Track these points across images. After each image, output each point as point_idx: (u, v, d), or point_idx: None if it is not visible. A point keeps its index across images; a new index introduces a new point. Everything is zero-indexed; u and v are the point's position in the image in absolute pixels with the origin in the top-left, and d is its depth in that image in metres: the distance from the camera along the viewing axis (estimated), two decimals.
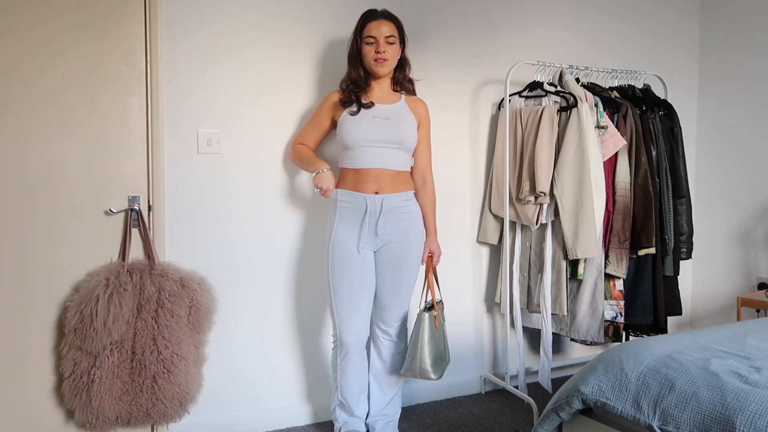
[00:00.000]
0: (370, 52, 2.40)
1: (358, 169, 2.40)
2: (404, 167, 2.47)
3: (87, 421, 2.26)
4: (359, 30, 2.43)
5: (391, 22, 2.43)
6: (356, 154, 2.40)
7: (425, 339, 2.43)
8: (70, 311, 2.25)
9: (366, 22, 2.42)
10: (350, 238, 2.42)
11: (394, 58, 2.44)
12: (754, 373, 1.71)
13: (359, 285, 2.43)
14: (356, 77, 2.44)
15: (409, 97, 2.55)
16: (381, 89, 2.49)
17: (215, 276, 2.57)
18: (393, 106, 2.47)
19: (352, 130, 2.39)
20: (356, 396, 2.53)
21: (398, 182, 2.45)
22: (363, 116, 2.41)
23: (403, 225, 2.46)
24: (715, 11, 3.72)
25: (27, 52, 2.24)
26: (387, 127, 2.40)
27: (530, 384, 3.17)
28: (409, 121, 2.47)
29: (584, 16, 3.41)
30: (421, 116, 2.54)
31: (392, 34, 2.41)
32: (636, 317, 3.00)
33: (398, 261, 2.47)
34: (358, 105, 2.42)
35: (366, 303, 2.46)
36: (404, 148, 2.44)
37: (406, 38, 2.50)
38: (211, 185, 2.61)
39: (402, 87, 2.53)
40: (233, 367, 2.68)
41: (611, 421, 1.85)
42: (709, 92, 3.75)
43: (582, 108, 2.80)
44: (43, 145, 2.28)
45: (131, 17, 2.37)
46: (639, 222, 2.94)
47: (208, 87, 2.57)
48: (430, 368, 2.43)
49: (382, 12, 2.45)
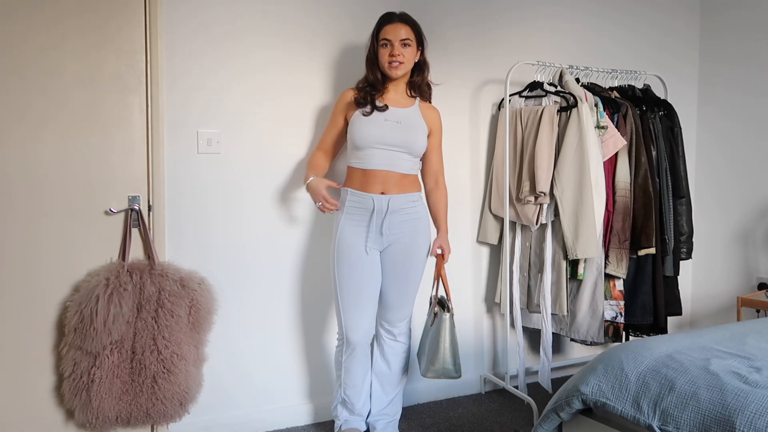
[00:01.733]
0: (385, 55, 2.41)
1: (366, 170, 2.41)
2: (411, 170, 2.48)
3: (87, 420, 2.26)
4: (376, 33, 2.44)
5: (408, 25, 2.43)
6: (365, 154, 2.41)
7: (447, 339, 2.46)
8: (70, 311, 2.25)
9: (382, 25, 2.43)
10: (356, 238, 2.42)
11: (409, 62, 2.44)
12: (754, 373, 1.71)
13: (366, 284, 2.44)
14: (373, 80, 2.45)
15: (423, 103, 2.55)
16: (396, 92, 2.49)
17: (216, 276, 2.58)
18: (406, 111, 2.47)
19: (363, 130, 2.40)
20: (359, 393, 2.53)
21: (404, 184, 2.45)
22: (375, 118, 2.41)
23: (409, 225, 2.47)
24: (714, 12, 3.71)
25: (28, 55, 2.23)
26: (397, 131, 2.41)
27: (530, 384, 3.17)
28: (419, 127, 2.47)
29: (584, 17, 3.41)
30: (434, 124, 2.54)
31: (408, 37, 2.41)
32: (636, 317, 3.00)
33: (404, 261, 2.47)
34: (372, 106, 2.43)
35: (372, 302, 2.47)
36: (412, 153, 2.45)
37: (426, 41, 2.50)
38: (212, 185, 2.61)
39: (419, 91, 2.53)
40: (234, 367, 2.68)
41: (611, 421, 1.85)
42: (709, 92, 3.75)
43: (582, 108, 2.80)
44: (43, 146, 2.28)
45: (131, 17, 2.37)
46: (639, 222, 2.94)
47: (208, 87, 2.57)
48: (452, 367, 2.46)
49: (400, 15, 2.45)
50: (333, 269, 2.45)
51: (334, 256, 2.44)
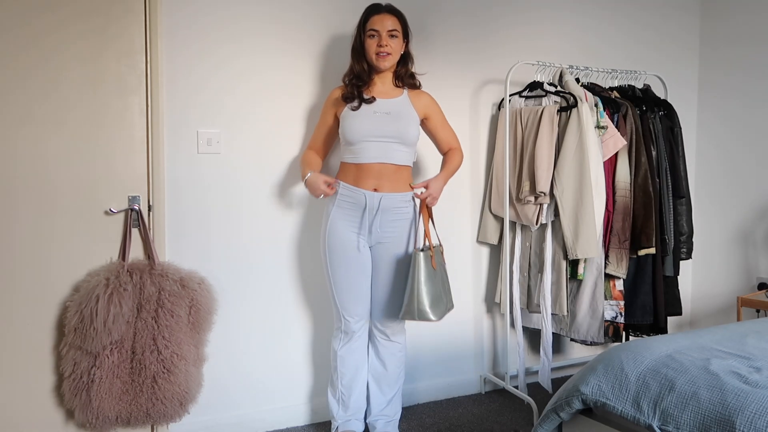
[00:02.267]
0: (372, 46, 2.41)
1: (360, 164, 2.41)
2: (406, 162, 2.47)
3: (87, 421, 2.26)
4: (362, 23, 2.44)
5: (395, 16, 2.43)
6: (357, 149, 2.41)
7: (421, 279, 2.35)
8: (70, 311, 2.25)
9: (369, 16, 2.43)
10: (346, 231, 2.43)
11: (396, 53, 2.44)
12: (754, 373, 1.71)
13: (358, 275, 2.45)
14: (359, 71, 2.45)
15: (412, 91, 2.55)
16: (383, 84, 2.49)
17: (216, 275, 2.57)
18: (394, 101, 2.47)
19: (354, 125, 2.40)
20: (352, 387, 2.54)
21: (398, 179, 2.45)
22: (364, 111, 2.42)
23: (399, 225, 2.47)
24: (714, 11, 3.71)
25: (26, 53, 2.24)
26: (388, 122, 2.41)
27: (530, 384, 3.17)
28: (409, 116, 2.47)
29: (584, 17, 3.41)
30: (427, 109, 2.54)
31: (395, 28, 2.41)
32: (636, 317, 3.00)
33: (394, 261, 2.47)
34: (359, 100, 2.43)
35: (366, 291, 2.49)
36: (405, 142, 2.44)
37: (411, 33, 2.50)
38: (212, 185, 2.61)
39: (404, 82, 2.53)
40: (234, 366, 2.68)
41: (611, 421, 1.85)
42: (709, 93, 3.75)
43: (582, 108, 2.80)
44: (44, 147, 2.28)
45: (132, 20, 2.37)
46: (639, 222, 2.94)
47: (208, 87, 2.57)
48: (428, 309, 2.35)
49: (386, 6, 2.45)
50: (325, 259, 2.47)
51: (325, 248, 2.45)
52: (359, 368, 2.56)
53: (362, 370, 2.58)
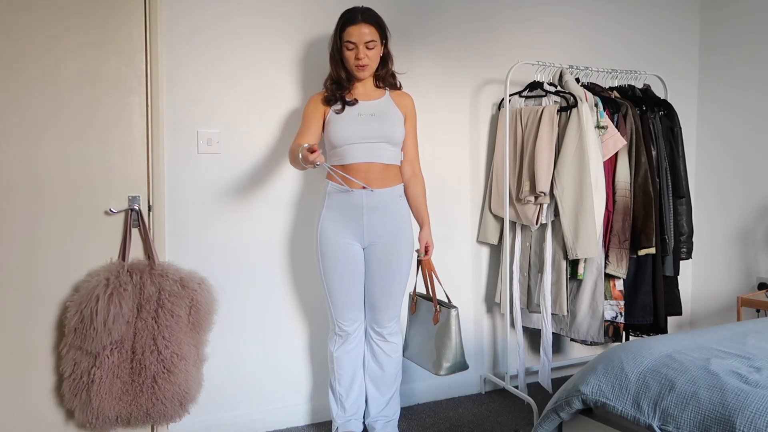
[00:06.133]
0: (351, 58, 2.37)
1: (347, 165, 2.38)
2: (393, 160, 2.45)
3: (87, 421, 2.26)
4: (339, 33, 2.38)
5: (371, 26, 2.36)
6: (343, 151, 2.38)
7: (459, 334, 2.50)
8: (70, 311, 2.25)
9: (345, 26, 2.36)
10: (338, 235, 2.41)
11: (374, 61, 2.41)
12: (754, 373, 1.71)
13: (351, 277, 2.45)
14: (338, 78, 2.42)
15: (394, 91, 2.53)
16: (365, 86, 2.47)
17: (216, 275, 2.58)
18: (377, 102, 2.46)
19: (339, 128, 2.37)
20: (349, 388, 2.54)
21: (387, 176, 2.42)
22: (348, 114, 2.40)
23: (391, 223, 2.45)
24: (714, 6, 3.72)
25: (28, 54, 2.24)
26: (373, 123, 2.39)
27: (530, 384, 3.17)
28: (394, 115, 2.46)
29: (584, 17, 3.41)
30: (407, 110, 2.52)
31: (372, 39, 2.35)
32: (636, 317, 3.00)
33: (388, 261, 2.46)
34: (342, 103, 2.41)
35: (360, 295, 2.49)
36: (391, 142, 2.43)
37: (389, 34, 2.45)
38: (212, 185, 2.61)
39: (384, 82, 2.50)
40: (234, 367, 2.68)
41: (611, 421, 1.86)
42: (709, 93, 3.75)
43: (582, 108, 2.80)
44: (43, 146, 2.28)
45: (131, 15, 2.37)
46: (639, 222, 2.94)
47: (208, 87, 2.57)
48: (464, 359, 2.51)
49: (362, 14, 2.36)
50: (318, 263, 2.46)
51: (318, 251, 2.45)
52: (356, 369, 2.56)
53: (359, 371, 2.58)
